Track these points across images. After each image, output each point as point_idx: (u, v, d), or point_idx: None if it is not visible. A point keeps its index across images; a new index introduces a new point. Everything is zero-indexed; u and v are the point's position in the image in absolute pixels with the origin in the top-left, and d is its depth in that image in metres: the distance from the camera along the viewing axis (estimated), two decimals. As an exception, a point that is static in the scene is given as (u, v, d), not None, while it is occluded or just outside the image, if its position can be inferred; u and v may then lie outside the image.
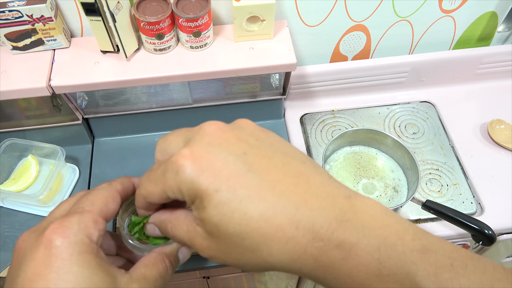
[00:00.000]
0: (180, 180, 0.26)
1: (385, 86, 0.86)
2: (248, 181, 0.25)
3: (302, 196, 0.25)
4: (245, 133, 0.28)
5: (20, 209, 0.69)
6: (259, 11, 0.63)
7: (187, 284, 0.80)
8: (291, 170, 0.26)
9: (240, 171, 0.25)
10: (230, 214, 0.25)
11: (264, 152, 0.27)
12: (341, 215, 0.24)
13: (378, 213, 0.25)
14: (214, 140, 0.27)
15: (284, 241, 0.24)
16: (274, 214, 0.24)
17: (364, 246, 0.23)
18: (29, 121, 0.72)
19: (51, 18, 0.61)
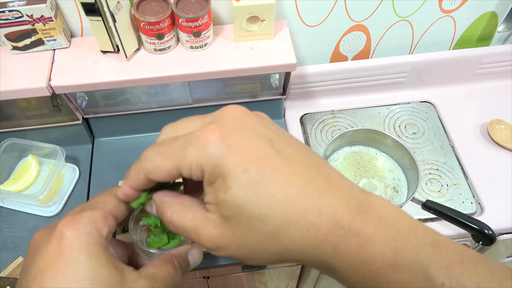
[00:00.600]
0: (206, 156, 0.25)
1: (385, 86, 0.86)
2: (277, 164, 0.25)
3: (325, 185, 0.25)
4: (268, 121, 0.28)
5: (20, 209, 0.69)
6: (259, 11, 0.63)
7: (187, 284, 0.80)
8: (312, 160, 0.26)
9: (268, 154, 0.25)
10: (257, 195, 0.24)
11: (288, 140, 0.27)
12: (360, 206, 0.25)
13: (391, 208, 0.26)
14: (241, 122, 0.27)
15: (306, 227, 0.24)
16: (300, 199, 0.24)
17: (381, 235, 0.24)
18: (29, 121, 0.72)
19: (51, 18, 0.61)
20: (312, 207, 0.24)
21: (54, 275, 0.27)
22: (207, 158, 0.25)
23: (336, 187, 0.25)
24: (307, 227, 0.24)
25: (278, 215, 0.24)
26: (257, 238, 0.25)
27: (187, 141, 0.26)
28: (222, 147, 0.25)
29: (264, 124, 0.27)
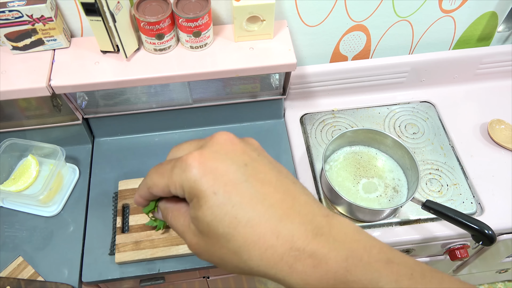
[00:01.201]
0: (185, 178, 0.29)
1: (385, 86, 0.86)
2: (243, 190, 0.28)
3: (287, 211, 0.28)
4: (250, 147, 0.32)
5: (20, 209, 0.69)
6: (259, 11, 0.63)
7: (187, 284, 0.80)
8: (282, 187, 0.30)
9: (238, 180, 0.29)
10: (222, 216, 0.28)
11: (262, 167, 0.30)
12: (317, 230, 0.28)
13: (351, 230, 0.29)
14: (222, 148, 0.30)
15: (265, 248, 0.27)
16: (260, 222, 0.28)
17: (334, 256, 0.27)
18: (29, 121, 0.72)
19: (51, 18, 0.61)
20: (271, 230, 0.27)
21: None
22: (186, 180, 0.29)
23: (298, 212, 0.28)
24: (265, 248, 0.27)
25: (239, 235, 0.28)
26: (223, 251, 0.29)
27: (174, 163, 0.30)
28: (198, 171, 0.29)
29: (244, 150, 0.31)
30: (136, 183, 0.71)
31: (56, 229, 0.68)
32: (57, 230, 0.68)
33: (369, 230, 0.69)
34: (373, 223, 0.69)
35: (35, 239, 0.67)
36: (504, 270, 1.12)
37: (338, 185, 0.72)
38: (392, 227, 0.70)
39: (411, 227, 0.69)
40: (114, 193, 0.72)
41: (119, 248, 0.65)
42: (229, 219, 0.28)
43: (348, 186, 0.72)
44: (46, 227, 0.68)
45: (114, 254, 0.65)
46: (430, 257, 0.82)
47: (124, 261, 0.64)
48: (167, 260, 0.66)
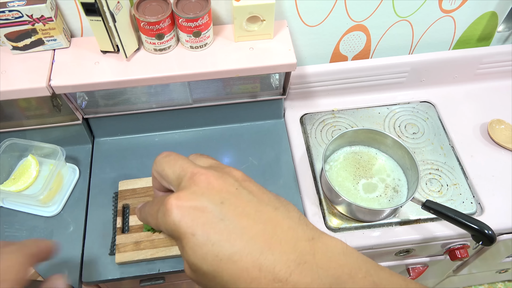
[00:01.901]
0: (166, 222, 0.31)
1: (385, 86, 0.86)
2: (221, 227, 0.29)
3: (267, 241, 0.29)
4: (228, 182, 0.33)
5: (20, 209, 0.69)
6: (259, 11, 0.63)
7: (187, 284, 0.80)
8: (262, 216, 0.30)
9: (214, 219, 0.29)
10: (204, 255, 0.29)
11: (240, 201, 0.31)
12: (300, 258, 0.28)
13: (336, 254, 0.29)
14: (199, 188, 0.31)
15: (249, 281, 0.28)
16: (241, 257, 0.28)
17: (317, 285, 0.27)
18: (29, 121, 0.72)
19: (51, 18, 0.61)
20: (252, 264, 0.28)
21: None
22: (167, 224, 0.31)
23: (279, 241, 0.29)
24: (250, 281, 0.28)
25: (224, 271, 0.28)
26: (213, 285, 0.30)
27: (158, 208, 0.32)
28: (176, 215, 0.30)
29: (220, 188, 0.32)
30: (136, 183, 0.71)
31: (56, 229, 0.68)
32: (57, 230, 0.68)
33: (369, 230, 0.69)
34: (373, 223, 0.69)
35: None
36: (504, 270, 1.12)
37: (338, 185, 0.72)
38: (392, 227, 0.70)
39: (411, 227, 0.70)
40: (114, 193, 0.72)
41: (119, 248, 0.65)
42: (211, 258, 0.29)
43: (348, 186, 0.72)
44: (46, 227, 0.68)
45: (114, 254, 0.65)
46: (430, 257, 0.82)
47: (124, 261, 0.64)
48: (167, 260, 0.66)
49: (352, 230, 0.69)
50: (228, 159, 0.76)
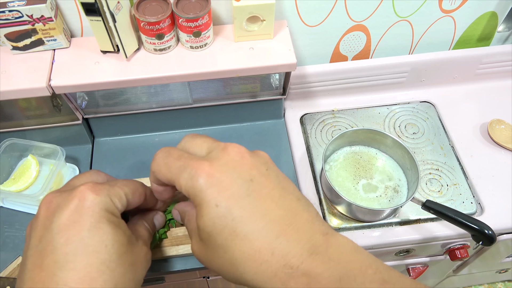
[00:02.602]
0: (191, 185, 0.30)
1: (385, 86, 0.86)
2: (244, 204, 0.29)
3: (285, 227, 0.29)
4: (260, 161, 0.32)
5: (20, 209, 0.69)
6: (259, 11, 0.63)
7: (187, 284, 0.80)
8: (285, 203, 0.30)
9: (241, 194, 0.29)
10: (222, 228, 0.29)
11: (268, 182, 0.31)
12: (313, 249, 0.28)
13: (348, 250, 0.29)
14: (231, 161, 0.31)
15: (259, 263, 0.28)
16: (257, 237, 0.28)
17: (327, 276, 0.27)
18: (29, 121, 0.72)
19: (51, 18, 0.61)
20: (267, 246, 0.28)
21: (80, 230, 0.31)
22: (192, 188, 0.30)
23: (296, 230, 0.29)
24: (260, 262, 0.28)
25: (236, 248, 0.29)
26: (220, 261, 0.30)
27: (184, 166, 0.31)
28: (204, 182, 0.30)
29: (253, 165, 0.31)
30: (136, 183, 0.71)
31: (56, 229, 0.68)
32: (57, 230, 0.68)
33: (369, 230, 0.69)
34: (373, 223, 0.69)
35: (35, 239, 0.67)
36: (504, 270, 1.12)
37: (338, 185, 0.72)
38: (392, 227, 0.70)
39: (411, 227, 0.70)
40: (114, 193, 0.72)
41: (119, 248, 0.65)
42: (228, 232, 0.29)
43: (348, 186, 0.72)
44: (46, 227, 0.68)
45: (114, 254, 0.65)
46: (430, 257, 0.82)
47: (124, 261, 0.64)
48: (167, 260, 0.66)
49: (352, 230, 0.69)
50: (228, 159, 0.76)
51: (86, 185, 0.33)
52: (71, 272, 0.29)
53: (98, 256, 0.31)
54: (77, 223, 0.31)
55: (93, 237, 0.31)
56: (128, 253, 0.33)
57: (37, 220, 0.34)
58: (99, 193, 0.33)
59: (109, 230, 0.32)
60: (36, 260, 0.31)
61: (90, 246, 0.31)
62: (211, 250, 0.30)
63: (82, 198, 0.32)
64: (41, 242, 0.32)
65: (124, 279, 0.32)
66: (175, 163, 0.32)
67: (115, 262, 0.31)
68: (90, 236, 0.31)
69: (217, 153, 0.32)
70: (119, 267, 0.32)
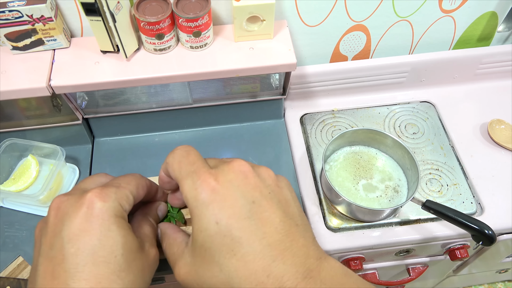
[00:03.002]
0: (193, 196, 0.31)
1: (385, 86, 0.86)
2: (245, 225, 0.30)
3: (282, 251, 0.30)
4: (264, 183, 0.33)
5: (20, 209, 0.69)
6: (259, 11, 0.63)
7: (187, 284, 0.80)
8: (284, 228, 0.31)
9: (242, 215, 0.30)
10: (220, 246, 0.29)
11: (269, 205, 0.31)
12: (307, 273, 0.29)
13: (339, 274, 0.30)
14: (236, 179, 0.32)
15: (255, 284, 0.29)
16: (254, 259, 0.29)
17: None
18: (29, 121, 0.72)
19: (51, 18, 0.61)
20: (263, 268, 0.29)
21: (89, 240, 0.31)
22: (193, 199, 0.31)
23: (292, 254, 0.30)
24: (256, 284, 0.29)
25: (233, 267, 0.29)
26: (213, 281, 0.30)
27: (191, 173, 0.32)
28: (207, 196, 0.30)
29: (256, 186, 0.32)
30: (136, 183, 0.71)
31: (56, 229, 0.68)
32: (57, 230, 0.68)
33: (369, 230, 0.69)
34: (373, 223, 0.69)
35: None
36: (504, 270, 1.12)
37: (338, 185, 0.72)
38: (392, 227, 0.70)
39: (411, 227, 0.70)
40: (114, 193, 0.72)
41: (119, 248, 0.65)
42: (226, 250, 0.29)
43: (348, 186, 0.72)
44: (46, 227, 0.68)
45: (114, 254, 0.65)
46: (430, 257, 0.82)
47: (124, 261, 0.64)
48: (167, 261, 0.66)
49: (352, 230, 0.69)
50: (228, 159, 0.76)
51: (93, 192, 0.33)
52: (82, 282, 0.30)
53: (108, 266, 0.31)
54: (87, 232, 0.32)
55: (103, 247, 0.32)
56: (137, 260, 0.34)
57: (47, 226, 0.34)
58: (107, 199, 0.33)
59: (119, 238, 0.32)
60: (47, 267, 0.32)
61: (100, 257, 0.31)
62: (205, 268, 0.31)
63: (91, 206, 0.33)
64: (52, 249, 0.32)
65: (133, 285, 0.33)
66: (187, 167, 0.33)
67: (125, 271, 0.32)
68: (100, 246, 0.32)
69: (223, 167, 0.32)
70: (129, 275, 0.32)
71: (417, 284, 1.12)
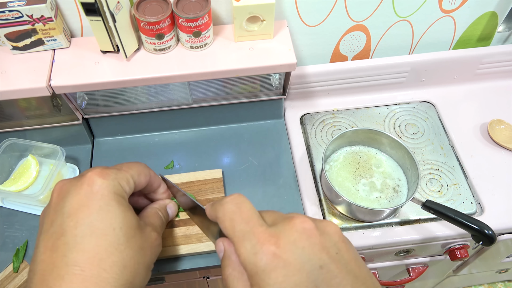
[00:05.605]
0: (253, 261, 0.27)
1: (385, 86, 0.86)
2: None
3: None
4: (330, 241, 0.29)
5: (20, 209, 0.69)
6: (259, 11, 0.63)
7: (187, 284, 0.80)
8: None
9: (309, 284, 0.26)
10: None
11: (338, 270, 0.27)
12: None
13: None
14: (300, 240, 0.28)
15: None
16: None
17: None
18: (29, 121, 0.72)
19: (51, 18, 0.61)
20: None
21: (89, 214, 0.32)
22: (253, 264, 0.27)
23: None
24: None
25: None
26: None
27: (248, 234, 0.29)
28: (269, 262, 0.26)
29: (323, 247, 0.28)
30: (136, 183, 0.71)
31: (56, 229, 0.68)
32: (57, 230, 0.68)
33: (369, 230, 0.69)
34: (373, 223, 0.69)
35: (35, 239, 0.66)
36: (504, 270, 1.12)
37: (338, 185, 0.72)
38: (392, 227, 0.70)
39: (411, 227, 0.70)
40: (114, 193, 0.72)
41: (119, 248, 0.65)
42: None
43: (348, 186, 0.72)
44: (46, 227, 0.68)
45: (114, 254, 0.65)
46: (430, 257, 0.82)
47: (124, 261, 0.64)
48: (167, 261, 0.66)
49: (352, 230, 0.69)
50: (228, 159, 0.76)
51: (94, 171, 0.34)
52: (80, 253, 0.30)
53: (106, 238, 0.31)
54: (86, 206, 0.32)
55: (101, 220, 0.32)
56: (137, 237, 0.34)
57: (49, 207, 0.35)
58: (107, 177, 0.34)
59: (118, 212, 0.33)
60: (47, 243, 0.32)
61: (98, 229, 0.32)
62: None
63: (91, 183, 0.33)
64: (52, 226, 0.33)
65: (133, 261, 0.32)
66: (241, 226, 0.30)
67: (123, 245, 0.32)
68: (99, 219, 0.32)
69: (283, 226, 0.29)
70: (128, 250, 0.32)
71: (417, 284, 1.12)
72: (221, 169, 0.71)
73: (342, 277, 0.27)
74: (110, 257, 0.31)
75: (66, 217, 0.32)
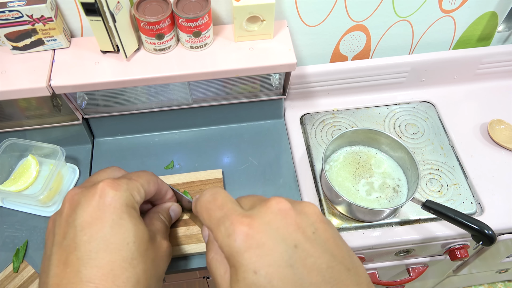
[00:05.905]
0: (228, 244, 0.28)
1: (385, 86, 0.86)
2: (287, 274, 0.26)
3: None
4: (307, 221, 0.29)
5: (20, 209, 0.69)
6: (259, 11, 0.63)
7: (187, 284, 0.80)
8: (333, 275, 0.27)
9: (283, 263, 0.26)
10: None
11: (314, 249, 0.27)
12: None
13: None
14: (274, 220, 0.28)
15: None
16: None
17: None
18: (29, 121, 0.72)
19: (51, 18, 0.61)
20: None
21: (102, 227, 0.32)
22: (228, 246, 0.28)
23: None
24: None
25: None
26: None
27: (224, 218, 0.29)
28: (242, 243, 0.27)
29: (298, 226, 0.28)
30: (136, 183, 0.71)
31: (56, 229, 0.68)
32: (57, 230, 0.68)
33: (369, 230, 0.69)
34: (373, 223, 0.69)
35: (35, 239, 0.67)
36: (504, 270, 1.12)
37: (338, 185, 0.72)
38: (392, 227, 0.70)
39: (411, 227, 0.70)
40: (114, 193, 0.72)
41: (119, 248, 0.65)
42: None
43: (348, 186, 0.72)
44: (46, 227, 0.68)
45: (114, 254, 0.65)
46: (430, 257, 0.82)
47: (124, 261, 0.64)
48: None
49: (352, 230, 0.69)
50: (228, 159, 0.76)
51: (105, 182, 0.34)
52: (95, 269, 0.30)
53: (120, 253, 0.31)
54: (99, 220, 0.32)
55: (115, 234, 0.31)
56: (150, 250, 0.34)
57: (61, 217, 0.34)
58: (119, 189, 0.34)
59: (130, 226, 0.32)
60: (60, 256, 0.32)
61: (112, 244, 0.31)
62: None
63: (103, 195, 0.33)
64: (65, 239, 0.32)
65: (146, 275, 0.32)
66: (216, 213, 0.30)
67: (137, 260, 0.32)
68: (112, 233, 0.31)
69: (259, 208, 0.29)
70: (141, 264, 0.32)
71: (417, 284, 1.12)
72: (221, 169, 0.71)
73: (317, 256, 0.27)
74: (124, 273, 0.31)
75: (79, 230, 0.32)
